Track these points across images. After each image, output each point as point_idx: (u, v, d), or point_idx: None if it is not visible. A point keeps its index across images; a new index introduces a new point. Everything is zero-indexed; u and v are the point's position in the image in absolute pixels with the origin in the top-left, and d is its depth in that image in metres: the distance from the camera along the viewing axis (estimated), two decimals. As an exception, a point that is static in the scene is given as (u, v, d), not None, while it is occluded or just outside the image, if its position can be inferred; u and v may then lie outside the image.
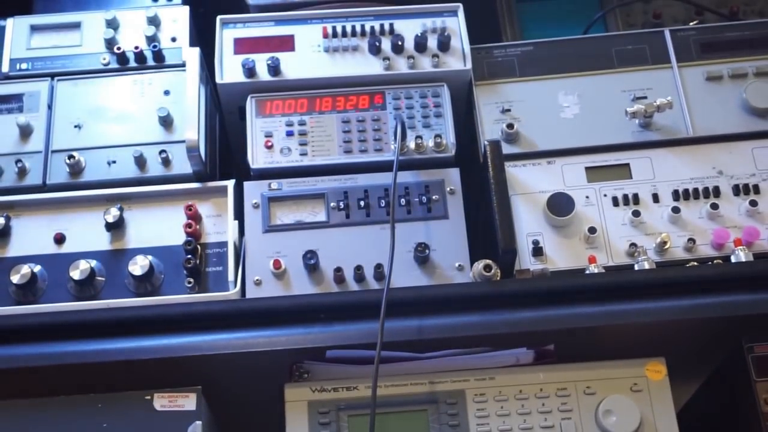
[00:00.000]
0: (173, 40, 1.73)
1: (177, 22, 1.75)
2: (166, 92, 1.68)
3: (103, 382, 1.40)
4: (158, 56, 1.71)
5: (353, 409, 1.42)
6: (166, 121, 1.64)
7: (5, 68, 1.70)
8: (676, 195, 1.59)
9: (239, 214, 1.58)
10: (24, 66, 1.70)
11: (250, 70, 1.65)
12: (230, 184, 1.60)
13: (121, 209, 1.56)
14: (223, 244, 1.55)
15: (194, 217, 1.56)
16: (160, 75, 1.70)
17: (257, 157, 1.61)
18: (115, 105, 1.67)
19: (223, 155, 1.80)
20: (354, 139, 1.63)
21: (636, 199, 1.59)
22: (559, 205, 1.56)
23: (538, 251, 1.55)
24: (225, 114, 1.74)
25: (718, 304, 1.43)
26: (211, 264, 1.55)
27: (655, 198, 1.59)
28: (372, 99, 1.66)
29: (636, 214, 1.56)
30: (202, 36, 1.80)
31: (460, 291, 1.47)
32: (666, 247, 1.54)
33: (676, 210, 1.56)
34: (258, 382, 1.49)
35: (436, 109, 1.65)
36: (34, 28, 1.73)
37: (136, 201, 1.59)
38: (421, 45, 1.68)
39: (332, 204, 1.57)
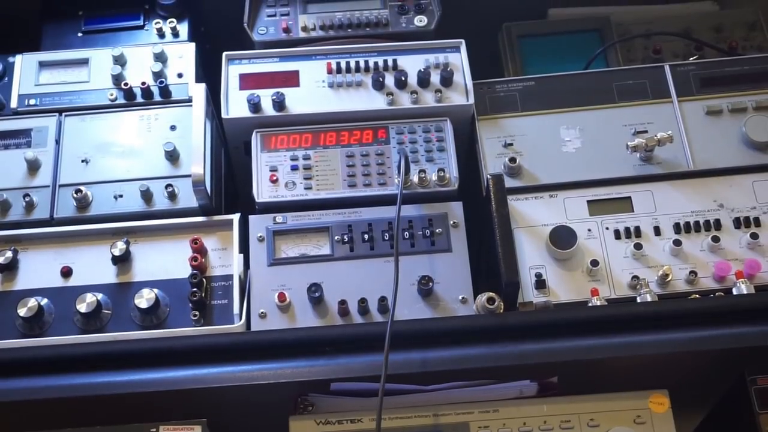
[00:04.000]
0: (179, 76, 1.76)
1: (183, 58, 1.77)
2: (173, 127, 1.69)
3: (109, 414, 1.41)
4: (165, 92, 1.73)
5: (358, 442, 1.42)
6: (173, 156, 1.66)
7: (14, 104, 1.71)
8: (677, 228, 1.60)
9: (244, 248, 1.59)
10: (32, 102, 1.72)
11: (255, 106, 1.67)
12: (235, 217, 1.61)
13: (127, 243, 1.57)
14: (229, 278, 1.56)
15: (200, 250, 1.57)
16: (167, 110, 1.71)
17: (262, 191, 1.63)
18: (122, 140, 1.68)
19: (229, 189, 1.81)
20: (358, 173, 1.64)
21: (638, 232, 1.60)
22: (562, 238, 1.57)
23: (540, 284, 1.56)
24: (230, 148, 1.75)
25: (720, 336, 1.43)
26: (217, 297, 1.55)
27: (657, 231, 1.60)
28: (376, 134, 1.68)
29: (638, 246, 1.57)
30: (208, 72, 1.83)
31: (464, 323, 1.47)
32: (668, 279, 1.55)
33: (677, 243, 1.57)
34: (263, 414, 1.49)
35: (439, 144, 1.67)
36: (43, 65, 1.76)
37: (142, 235, 1.60)
38: (424, 80, 1.70)
39: (336, 237, 1.58)
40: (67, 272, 1.57)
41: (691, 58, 1.87)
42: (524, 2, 2.04)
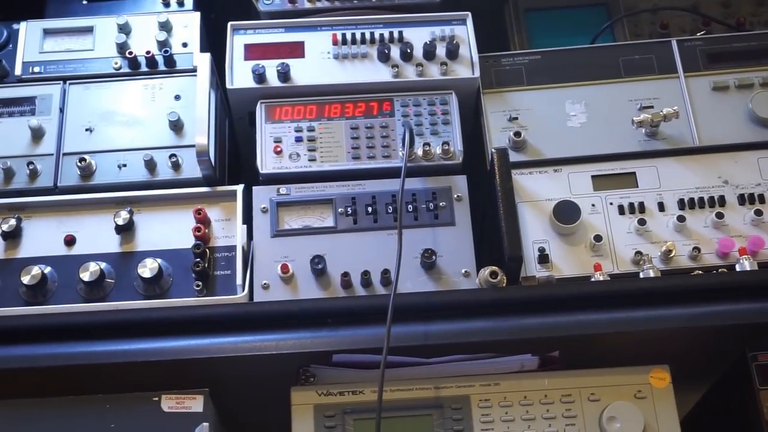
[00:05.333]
0: (184, 45, 1.75)
1: (188, 27, 1.77)
2: (177, 97, 1.69)
3: (112, 383, 1.41)
4: (169, 61, 1.73)
5: (359, 413, 1.43)
6: (177, 126, 1.65)
7: (18, 71, 1.71)
8: (681, 204, 1.60)
9: (248, 219, 1.59)
10: (36, 69, 1.72)
11: (260, 76, 1.66)
12: (239, 188, 1.61)
13: (130, 212, 1.57)
14: (232, 248, 1.57)
15: (203, 221, 1.57)
16: (171, 80, 1.71)
17: (266, 162, 1.63)
18: (126, 109, 1.68)
19: (233, 160, 1.81)
20: (362, 146, 1.64)
21: (642, 207, 1.60)
22: (565, 213, 1.57)
23: (544, 258, 1.56)
24: (235, 119, 1.75)
25: (722, 312, 1.44)
26: (220, 268, 1.56)
27: (661, 207, 1.60)
28: (380, 106, 1.67)
29: (642, 222, 1.57)
30: (213, 42, 1.82)
31: (466, 297, 1.47)
32: (671, 255, 1.55)
33: (681, 219, 1.57)
34: (265, 385, 1.50)
35: (443, 117, 1.66)
36: (47, 32, 1.75)
37: (145, 204, 1.60)
38: (429, 53, 1.69)
39: (340, 209, 1.58)
40: (70, 241, 1.57)
41: (698, 34, 1.86)
42: (531, -25, 2.03)
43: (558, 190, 1.62)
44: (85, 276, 1.51)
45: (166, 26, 1.76)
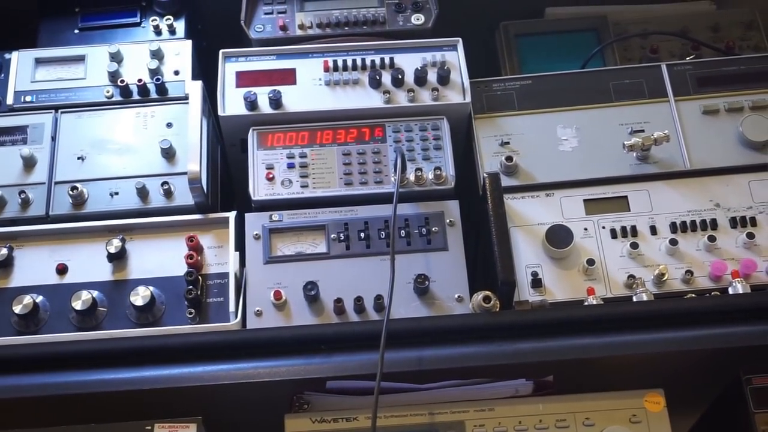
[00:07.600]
0: (176, 73, 1.75)
1: (180, 55, 1.77)
2: (169, 125, 1.69)
3: (104, 412, 1.40)
4: (161, 89, 1.73)
5: (353, 440, 1.42)
6: (169, 153, 1.65)
7: (10, 100, 1.71)
8: (673, 227, 1.60)
9: (240, 246, 1.59)
10: (28, 98, 1.72)
11: (252, 103, 1.67)
12: (232, 215, 1.61)
13: (123, 240, 1.57)
14: (224, 275, 1.56)
15: (196, 248, 1.57)
16: (163, 108, 1.71)
17: (258, 188, 1.63)
18: (118, 137, 1.68)
19: (225, 187, 1.81)
20: (354, 172, 1.64)
21: (634, 231, 1.60)
22: (558, 237, 1.57)
23: (537, 283, 1.56)
24: (227, 146, 1.75)
25: (716, 335, 1.43)
26: (212, 295, 1.55)
27: (653, 230, 1.60)
28: (372, 132, 1.68)
29: (634, 246, 1.57)
30: (205, 69, 1.82)
31: (460, 322, 1.47)
32: (664, 278, 1.55)
33: (673, 242, 1.57)
34: (259, 412, 1.49)
35: (435, 142, 1.67)
36: (39, 61, 1.76)
37: (138, 232, 1.60)
38: (421, 79, 1.70)
39: (333, 235, 1.58)
40: (62, 269, 1.56)
41: (687, 58, 1.87)
42: (521, 1, 2.04)
43: (550, 214, 1.62)
44: (78, 305, 1.50)
45: (157, 54, 1.76)
